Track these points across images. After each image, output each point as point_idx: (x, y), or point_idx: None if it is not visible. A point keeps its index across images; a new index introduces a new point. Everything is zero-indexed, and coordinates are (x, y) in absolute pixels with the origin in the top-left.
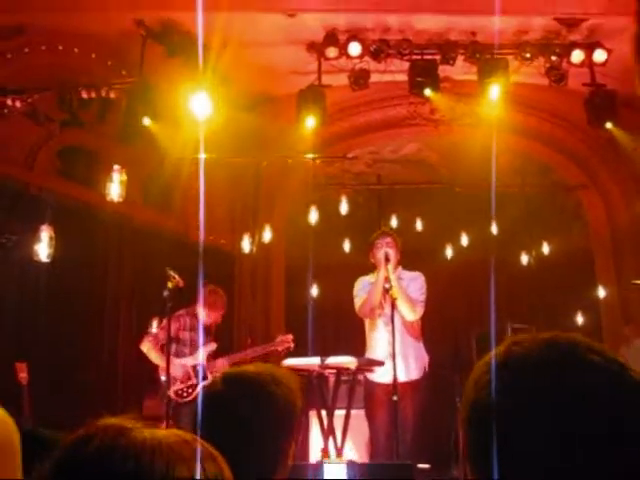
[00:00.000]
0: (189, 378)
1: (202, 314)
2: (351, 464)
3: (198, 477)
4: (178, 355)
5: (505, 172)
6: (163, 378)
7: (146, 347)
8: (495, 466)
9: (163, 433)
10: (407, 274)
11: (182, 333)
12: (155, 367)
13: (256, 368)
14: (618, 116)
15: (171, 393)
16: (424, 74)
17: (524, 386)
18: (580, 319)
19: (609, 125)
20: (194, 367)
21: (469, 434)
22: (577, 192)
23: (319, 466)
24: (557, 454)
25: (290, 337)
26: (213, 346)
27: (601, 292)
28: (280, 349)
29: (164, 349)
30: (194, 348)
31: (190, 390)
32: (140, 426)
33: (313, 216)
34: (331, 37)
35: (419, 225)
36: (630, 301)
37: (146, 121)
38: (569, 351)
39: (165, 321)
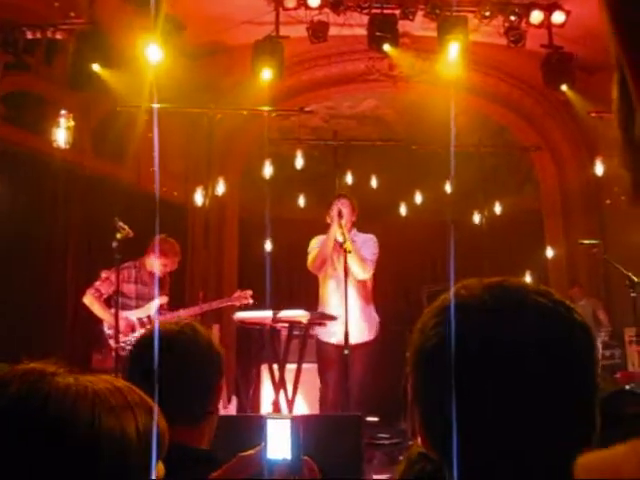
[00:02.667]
0: (132, 331)
1: (156, 265)
2: (295, 419)
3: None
4: (123, 308)
5: (461, 131)
6: (107, 331)
7: (88, 300)
8: (451, 409)
9: (90, 379)
10: (360, 236)
11: (126, 286)
12: (100, 320)
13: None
14: (574, 79)
15: (113, 345)
16: (383, 29)
17: (472, 328)
18: (528, 278)
19: (564, 87)
20: (140, 320)
21: (417, 379)
22: (531, 153)
23: (263, 420)
24: (506, 393)
25: (249, 292)
26: (164, 299)
27: (549, 252)
28: (237, 304)
29: (109, 302)
30: (140, 301)
31: (125, 344)
32: (63, 371)
33: (268, 170)
34: None
35: (374, 182)
36: (576, 261)
37: (96, 67)
38: (517, 293)
39: (106, 273)
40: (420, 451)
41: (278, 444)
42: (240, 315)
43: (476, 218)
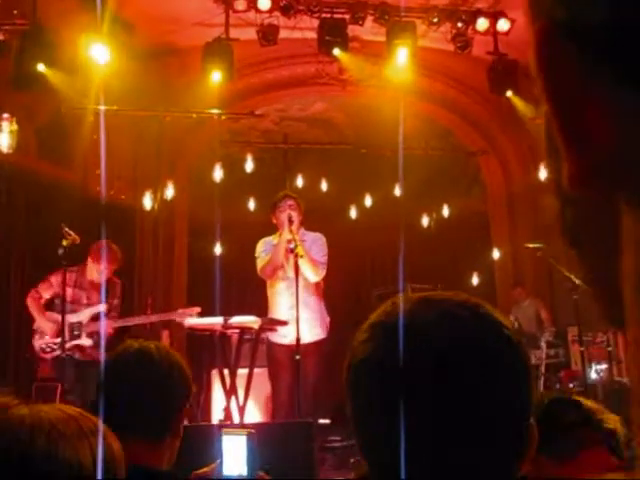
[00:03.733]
0: (58, 335)
1: (94, 270)
2: (251, 435)
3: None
4: (54, 310)
5: (409, 135)
6: (37, 337)
7: (28, 301)
8: (376, 423)
9: (45, 409)
10: (309, 235)
11: (68, 290)
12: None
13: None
14: (519, 85)
15: (36, 347)
16: (333, 33)
17: (392, 343)
18: (476, 280)
19: (509, 93)
20: (72, 324)
21: (348, 394)
22: (477, 157)
23: (218, 434)
24: (428, 409)
25: (196, 310)
26: (101, 307)
27: (496, 254)
28: (178, 320)
29: (51, 305)
30: (76, 305)
31: (54, 346)
32: (17, 402)
33: (218, 173)
34: None
35: (324, 185)
36: (521, 263)
37: (41, 67)
38: (440, 306)
39: (54, 276)
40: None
41: (234, 460)
42: (190, 321)
43: (425, 221)
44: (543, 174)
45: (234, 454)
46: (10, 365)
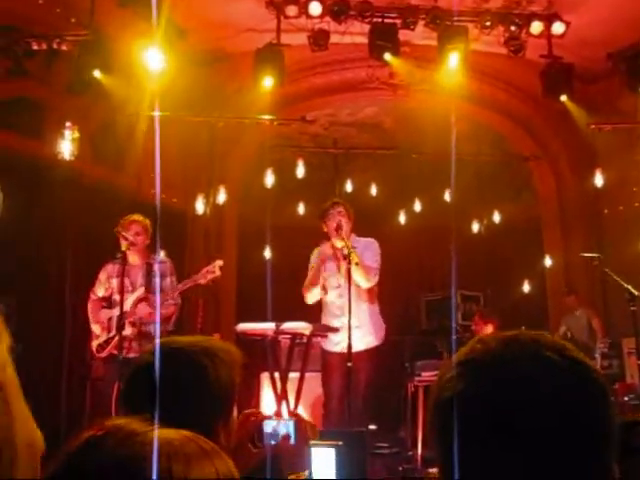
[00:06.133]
0: (109, 330)
1: (123, 244)
2: (339, 447)
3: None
4: (111, 306)
5: (459, 140)
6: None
7: (89, 308)
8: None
9: (168, 433)
10: (361, 241)
11: (110, 281)
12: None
13: (191, 339)
14: (573, 89)
15: (93, 348)
16: (384, 38)
17: (483, 382)
18: (527, 287)
19: (563, 98)
20: (117, 318)
21: (435, 427)
22: (529, 163)
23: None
24: (518, 449)
25: (218, 263)
26: (140, 291)
27: (548, 261)
28: (204, 282)
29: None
30: (124, 295)
31: (105, 344)
32: (151, 428)
33: (269, 178)
34: None
35: (374, 190)
36: (574, 271)
37: (97, 73)
38: (529, 348)
39: (99, 275)
40: None
41: (323, 471)
42: (242, 326)
43: (475, 226)
44: (598, 180)
45: (323, 465)
46: (64, 365)
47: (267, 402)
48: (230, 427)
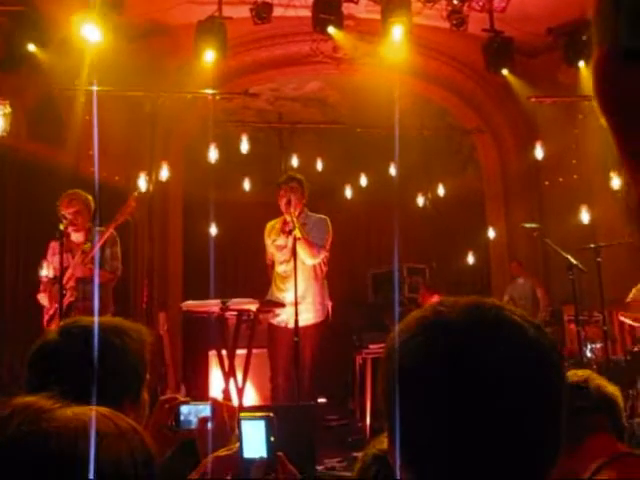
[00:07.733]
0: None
1: (68, 220)
2: (269, 418)
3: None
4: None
5: (404, 114)
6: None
7: (40, 296)
8: (433, 427)
9: (82, 410)
10: (312, 217)
11: (54, 259)
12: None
13: (102, 319)
14: (514, 63)
15: (45, 323)
16: (328, 11)
17: (459, 347)
18: (471, 259)
19: (505, 71)
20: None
21: (396, 395)
22: (472, 136)
23: (237, 421)
24: (489, 411)
25: (132, 196)
26: (77, 257)
27: (491, 233)
28: (124, 218)
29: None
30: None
31: (50, 320)
32: (60, 405)
33: (213, 154)
34: None
35: (319, 164)
36: (516, 242)
37: (31, 47)
38: (492, 310)
39: (46, 254)
40: (375, 453)
41: (253, 443)
42: (188, 304)
43: (420, 200)
44: (539, 153)
45: (253, 438)
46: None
47: (215, 380)
48: (140, 406)
